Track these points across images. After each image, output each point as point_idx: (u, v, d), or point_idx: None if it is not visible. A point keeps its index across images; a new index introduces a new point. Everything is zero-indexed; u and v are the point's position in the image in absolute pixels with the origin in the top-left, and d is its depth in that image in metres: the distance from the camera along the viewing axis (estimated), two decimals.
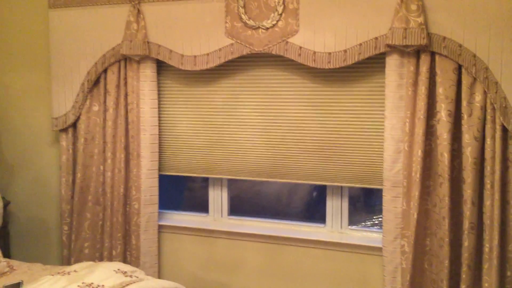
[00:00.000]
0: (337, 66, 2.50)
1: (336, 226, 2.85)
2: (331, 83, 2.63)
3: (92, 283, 2.20)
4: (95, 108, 3.04)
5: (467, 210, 2.33)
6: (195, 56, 2.75)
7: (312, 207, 3.64)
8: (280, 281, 2.89)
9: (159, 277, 3.07)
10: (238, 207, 3.28)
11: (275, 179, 2.81)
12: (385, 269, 2.55)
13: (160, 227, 3.07)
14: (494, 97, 2.26)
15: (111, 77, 2.94)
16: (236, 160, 2.86)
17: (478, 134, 2.31)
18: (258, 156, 2.81)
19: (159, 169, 2.99)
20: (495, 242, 2.29)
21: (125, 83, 2.93)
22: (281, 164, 2.77)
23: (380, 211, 2.59)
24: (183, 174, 3.01)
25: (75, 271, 2.37)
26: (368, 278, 2.70)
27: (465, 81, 2.31)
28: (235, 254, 2.98)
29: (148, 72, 2.87)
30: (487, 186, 2.31)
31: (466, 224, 2.34)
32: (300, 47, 2.55)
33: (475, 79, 2.29)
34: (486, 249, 2.34)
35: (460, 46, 2.29)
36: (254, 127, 2.81)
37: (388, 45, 2.39)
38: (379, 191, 2.58)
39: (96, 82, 3.01)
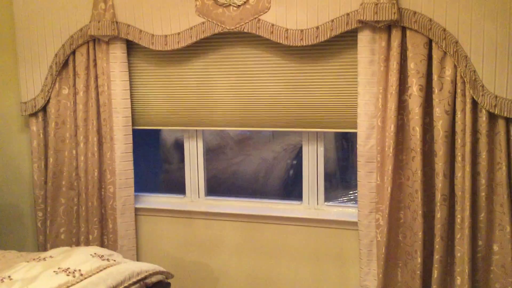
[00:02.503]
0: (310, 43, 2.49)
1: (312, 203, 2.88)
2: (304, 60, 2.62)
3: (68, 268, 2.17)
4: (65, 91, 2.97)
5: (439, 182, 2.38)
6: (165, 36, 2.70)
7: (289, 186, 3.66)
8: (259, 259, 2.92)
9: (138, 259, 3.06)
10: (215, 188, 3.28)
11: (248, 128, 2.81)
12: (361, 243, 2.59)
13: (137, 210, 3.05)
14: (464, 70, 2.29)
15: (80, 59, 2.87)
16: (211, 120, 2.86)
17: (449, 108, 2.34)
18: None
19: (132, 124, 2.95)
20: (467, 212, 2.35)
21: (95, 65, 2.87)
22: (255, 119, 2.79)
23: (355, 187, 2.63)
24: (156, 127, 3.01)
25: (50, 256, 2.35)
26: (345, 252, 2.75)
27: (436, 55, 2.33)
28: (213, 234, 2.99)
29: (118, 53, 2.81)
30: (458, 158, 2.36)
31: (438, 196, 2.40)
32: (272, 25, 2.53)
33: (445, 53, 2.32)
34: (458, 219, 2.40)
35: (430, 20, 2.30)
36: (227, 106, 2.79)
37: (360, 21, 2.39)
38: (354, 167, 2.61)
39: (65, 64, 2.93)
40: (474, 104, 2.32)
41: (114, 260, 2.33)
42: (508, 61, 2.25)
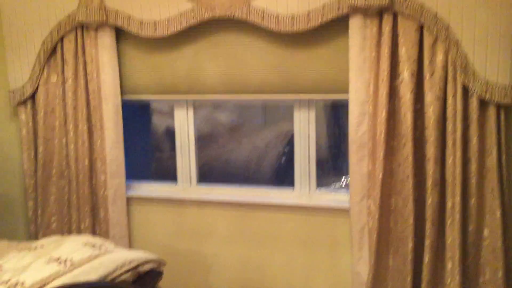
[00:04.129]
0: (301, 29, 2.47)
1: (304, 190, 2.88)
2: (295, 45, 2.60)
3: (59, 257, 2.17)
4: (53, 79, 2.93)
5: (430, 168, 2.39)
6: (155, 22, 2.66)
7: (281, 173, 3.66)
8: (251, 246, 2.93)
9: (130, 248, 3.06)
10: (207, 176, 3.27)
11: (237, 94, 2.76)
12: (352, 229, 2.60)
13: (129, 198, 3.04)
14: (455, 56, 2.28)
15: (68, 46, 2.83)
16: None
17: (440, 93, 2.34)
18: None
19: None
20: (457, 198, 2.36)
21: (83, 52, 2.83)
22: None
23: (347, 173, 2.63)
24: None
25: (42, 246, 2.34)
26: (337, 238, 2.76)
27: (427, 41, 2.32)
28: (206, 222, 2.99)
29: (106, 40, 2.77)
30: (449, 144, 2.36)
31: (429, 182, 2.40)
32: (263, 10, 2.50)
33: (436, 38, 2.31)
34: (449, 205, 2.41)
35: (422, 5, 2.28)
36: (218, 92, 2.77)
37: (351, 6, 2.36)
38: (346, 154, 2.60)
39: (53, 51, 2.89)
40: (465, 89, 2.32)
41: (106, 249, 2.32)
42: (499, 46, 2.24)
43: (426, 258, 2.44)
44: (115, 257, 2.23)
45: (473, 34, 2.26)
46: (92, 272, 2.08)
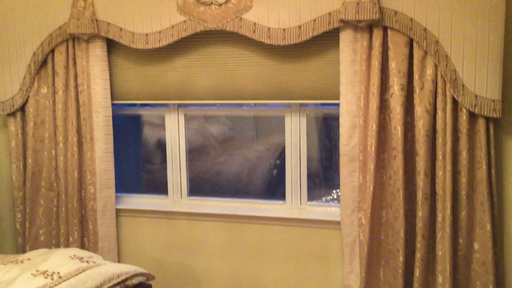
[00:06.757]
0: (292, 42, 2.49)
1: (295, 202, 2.88)
2: (287, 59, 2.62)
3: (46, 271, 2.13)
4: (44, 90, 2.92)
5: (421, 181, 2.39)
6: (146, 34, 2.67)
7: (272, 185, 3.66)
8: (242, 259, 2.91)
9: (119, 261, 3.03)
10: (198, 188, 3.26)
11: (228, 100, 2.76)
12: (343, 242, 2.60)
13: (118, 211, 3.02)
14: (445, 70, 2.30)
15: (59, 57, 2.82)
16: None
17: (430, 107, 2.35)
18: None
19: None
20: (448, 211, 2.37)
21: (74, 64, 2.82)
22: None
23: (338, 186, 2.63)
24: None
25: (28, 259, 2.30)
26: (328, 251, 2.75)
27: (417, 54, 2.34)
28: (196, 235, 2.96)
29: (98, 51, 2.78)
30: (439, 157, 2.37)
31: (419, 195, 2.41)
32: (255, 23, 2.52)
33: (426, 52, 2.33)
34: (439, 218, 2.41)
35: (411, 20, 2.31)
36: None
37: (342, 20, 2.39)
38: (337, 166, 2.60)
39: (44, 63, 2.89)
40: (455, 103, 2.34)
41: (94, 262, 2.29)
42: (488, 61, 2.27)
43: (417, 271, 2.43)
44: (103, 271, 2.20)
45: (461, 49, 2.28)
46: (79, 286, 2.05)
